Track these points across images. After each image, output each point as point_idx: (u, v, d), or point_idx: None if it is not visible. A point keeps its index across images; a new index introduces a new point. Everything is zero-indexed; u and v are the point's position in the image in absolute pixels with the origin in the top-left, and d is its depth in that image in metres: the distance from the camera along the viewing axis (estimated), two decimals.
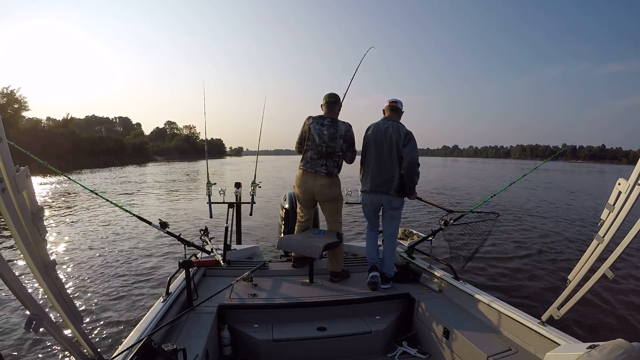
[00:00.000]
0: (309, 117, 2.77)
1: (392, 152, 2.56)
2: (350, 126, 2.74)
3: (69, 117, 42.23)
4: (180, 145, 79.07)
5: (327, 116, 2.74)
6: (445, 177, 26.86)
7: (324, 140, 2.67)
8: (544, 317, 1.68)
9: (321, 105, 2.80)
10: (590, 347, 1.18)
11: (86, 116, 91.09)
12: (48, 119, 41.90)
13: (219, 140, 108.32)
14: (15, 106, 32.13)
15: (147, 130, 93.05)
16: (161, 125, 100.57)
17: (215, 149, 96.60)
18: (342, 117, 2.83)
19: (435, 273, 2.57)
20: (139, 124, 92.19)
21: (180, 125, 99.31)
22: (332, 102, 2.76)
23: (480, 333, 1.89)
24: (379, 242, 2.85)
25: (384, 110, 2.77)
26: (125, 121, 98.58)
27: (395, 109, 2.70)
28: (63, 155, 32.98)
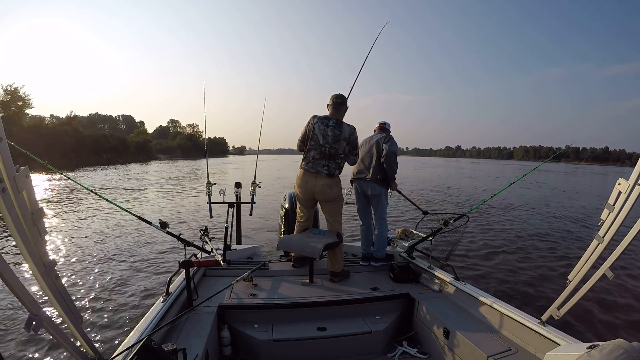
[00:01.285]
0: (314, 117, 2.75)
1: (373, 149, 3.04)
2: (355, 129, 2.73)
3: (72, 115, 42.43)
4: (183, 144, 79.00)
5: (333, 117, 2.74)
6: (444, 177, 26.87)
7: (327, 141, 2.66)
8: (544, 317, 1.68)
9: (327, 105, 2.79)
10: (590, 347, 1.18)
11: (89, 114, 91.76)
12: (51, 116, 42.31)
13: (222, 139, 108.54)
14: (19, 104, 32.42)
15: (150, 128, 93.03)
16: (164, 124, 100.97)
17: (218, 148, 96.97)
18: (346, 116, 2.92)
19: (435, 273, 2.57)
20: (142, 122, 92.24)
21: (184, 123, 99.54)
22: (339, 104, 2.75)
23: (480, 333, 1.89)
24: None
25: (374, 130, 3.28)
26: (128, 119, 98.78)
27: (384, 129, 3.24)
28: (66, 153, 33.31)
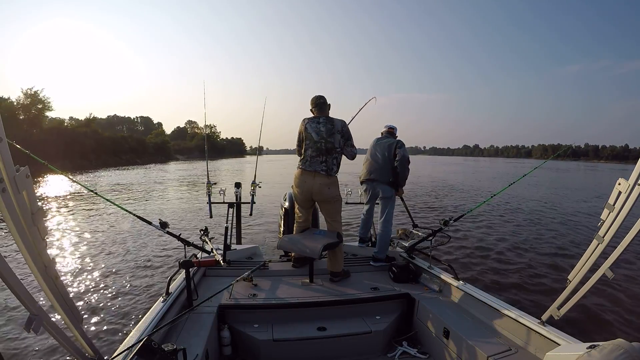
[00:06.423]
0: (304, 119, 2.81)
1: (385, 152, 3.15)
2: (345, 122, 2.80)
3: (91, 117, 42.88)
4: (200, 145, 78.76)
5: (321, 116, 2.78)
6: (454, 175, 26.92)
7: (322, 136, 2.68)
8: (544, 317, 1.68)
9: (311, 110, 2.84)
10: (590, 347, 1.18)
11: (108, 116, 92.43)
12: (70, 118, 42.98)
13: (240, 139, 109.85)
14: (39, 106, 32.85)
15: (168, 129, 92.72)
16: (182, 125, 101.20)
17: (235, 148, 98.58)
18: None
19: (435, 273, 2.57)
20: (160, 124, 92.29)
21: (201, 124, 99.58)
22: (322, 104, 2.80)
23: (480, 333, 1.89)
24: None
25: (382, 133, 3.41)
26: (146, 121, 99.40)
27: (392, 133, 3.40)
28: (86, 154, 33.90)
